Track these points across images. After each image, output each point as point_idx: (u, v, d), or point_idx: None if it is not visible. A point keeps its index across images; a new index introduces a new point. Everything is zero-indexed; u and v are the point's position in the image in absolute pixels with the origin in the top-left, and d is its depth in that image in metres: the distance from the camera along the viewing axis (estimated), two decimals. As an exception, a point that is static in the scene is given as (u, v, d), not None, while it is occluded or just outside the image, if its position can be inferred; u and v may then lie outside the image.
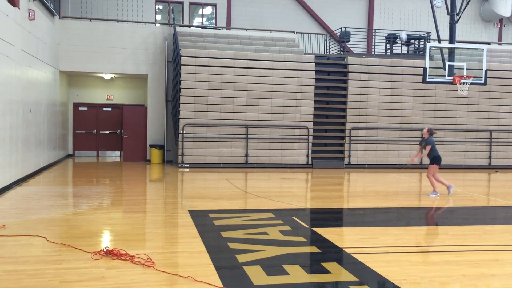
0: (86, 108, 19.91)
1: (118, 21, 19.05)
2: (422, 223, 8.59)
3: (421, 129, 17.99)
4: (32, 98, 13.09)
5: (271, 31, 20.12)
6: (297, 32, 20.32)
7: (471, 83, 13.99)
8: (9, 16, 10.81)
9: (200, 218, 8.13)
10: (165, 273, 5.17)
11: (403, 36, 11.83)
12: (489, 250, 6.54)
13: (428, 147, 11.17)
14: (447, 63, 14.10)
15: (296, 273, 5.28)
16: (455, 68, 14.27)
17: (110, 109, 20.18)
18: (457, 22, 14.38)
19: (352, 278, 5.19)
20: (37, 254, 5.81)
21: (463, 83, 13.84)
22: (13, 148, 11.13)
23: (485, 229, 7.85)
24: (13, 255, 5.74)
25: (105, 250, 5.84)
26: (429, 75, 13.93)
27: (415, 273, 5.37)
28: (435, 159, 11.27)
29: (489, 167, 18.55)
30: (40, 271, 5.18)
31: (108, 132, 20.20)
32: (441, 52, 15.02)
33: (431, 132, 11.27)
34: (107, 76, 19.37)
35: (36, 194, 10.28)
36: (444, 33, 16.54)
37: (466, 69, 13.97)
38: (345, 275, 5.30)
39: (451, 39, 14.33)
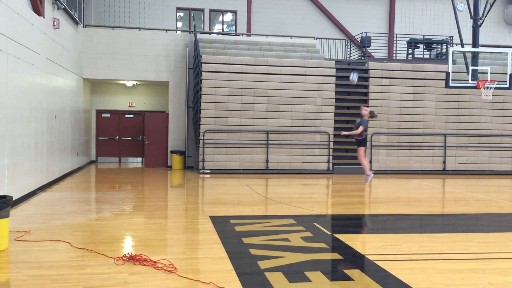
0: (108, 115, 20.19)
1: (140, 29, 19.31)
2: (446, 230, 8.44)
3: (445, 134, 17.79)
4: (57, 105, 13.33)
5: (291, 37, 20.13)
6: (317, 38, 20.29)
7: (495, 88, 13.74)
8: (34, 25, 11.06)
9: (221, 224, 8.14)
10: (187, 279, 5.18)
11: (354, 77, 11.47)
12: (516, 258, 6.39)
13: (361, 128, 10.99)
14: (471, 68, 13.90)
15: (318, 280, 5.24)
16: (478, 73, 14.06)
17: (132, 115, 20.43)
18: (480, 26, 14.18)
19: (376, 285, 5.12)
20: (61, 259, 5.89)
21: (487, 88, 13.61)
22: (37, 155, 11.33)
23: (511, 236, 7.68)
24: (38, 260, 5.83)
25: (127, 255, 5.89)
26: (452, 80, 13.75)
27: (440, 281, 5.27)
28: (363, 141, 11.05)
29: (515, 173, 18.16)
30: (65, 276, 5.24)
31: (130, 138, 20.43)
32: (464, 57, 14.81)
33: (372, 114, 11.10)
34: (129, 83, 19.62)
35: (60, 200, 10.44)
36: (467, 37, 16.31)
37: (490, 73, 13.74)
38: (368, 283, 5.24)
39: (474, 43, 14.13)
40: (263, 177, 15.77)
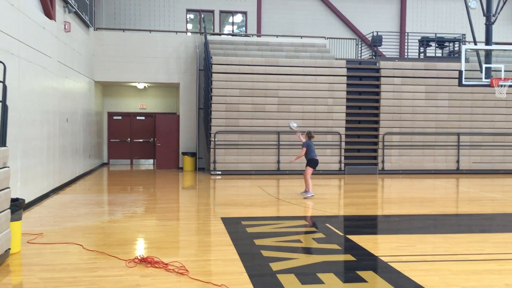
0: (120, 117, 20.29)
1: (150, 31, 19.38)
2: (461, 231, 8.32)
3: (458, 133, 17.60)
4: (69, 108, 13.42)
5: (301, 37, 20.06)
6: (327, 38, 20.19)
7: (510, 86, 13.56)
8: (46, 28, 11.13)
9: (233, 226, 8.11)
10: (198, 281, 5.16)
11: (293, 125, 12.21)
12: (534, 258, 6.27)
13: (303, 150, 11.65)
14: (484, 66, 13.72)
15: (331, 282, 5.18)
16: (492, 70, 13.89)
17: (143, 117, 20.50)
18: (493, 23, 14.01)
19: (389, 287, 5.05)
20: (73, 262, 5.90)
21: (501, 86, 13.43)
22: (50, 157, 11.40)
23: (528, 237, 7.55)
24: (51, 263, 5.85)
25: (139, 257, 5.88)
26: (465, 78, 13.60)
27: (456, 282, 5.19)
28: (309, 161, 11.69)
29: (530, 172, 17.91)
30: (77, 279, 5.25)
31: (141, 140, 20.50)
32: (477, 55, 14.65)
33: (309, 135, 11.86)
34: (140, 85, 19.69)
35: (73, 202, 10.49)
36: (480, 35, 16.11)
37: (504, 71, 13.56)
38: (381, 284, 5.17)
39: (488, 41, 13.95)
40: (274, 178, 15.72)
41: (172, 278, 5.29)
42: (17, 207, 6.30)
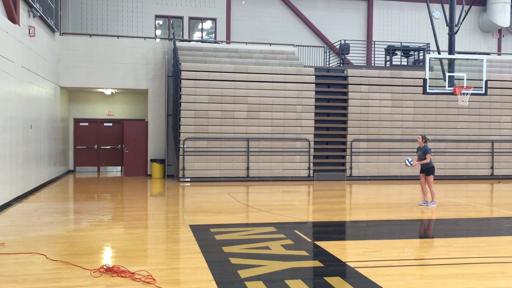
0: (86, 124, 19.92)
1: (118, 36, 19.14)
2: (426, 236, 8.50)
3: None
4: (33, 114, 13.09)
5: (270, 44, 20.19)
6: (296, 45, 20.38)
7: (472, 94, 13.99)
8: (9, 33, 10.86)
9: (202, 233, 8.06)
10: (166, 290, 5.09)
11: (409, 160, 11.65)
12: (495, 262, 6.45)
13: (428, 156, 11.30)
14: (447, 74, 14.12)
15: (299, 289, 5.20)
16: (455, 79, 14.28)
17: (110, 124, 20.19)
18: (456, 33, 14.43)
19: (356, 293, 5.11)
20: (36, 272, 5.74)
21: (464, 94, 13.83)
22: (13, 165, 11.09)
23: (489, 241, 7.76)
24: (13, 274, 5.67)
25: (105, 267, 5.77)
26: (429, 86, 13.94)
27: (420, 286, 5.28)
28: (431, 169, 11.47)
29: (492, 178, 18.45)
30: (39, 290, 5.11)
31: (109, 147, 20.17)
32: (441, 63, 15.04)
33: (425, 139, 11.46)
34: (108, 92, 19.40)
35: (37, 211, 10.21)
36: (443, 44, 16.61)
37: (466, 79, 13.97)
38: (349, 290, 5.22)
39: (451, 50, 14.37)
40: (244, 185, 15.71)
41: (139, 287, 5.20)
42: (-23, 216, 6.09)
